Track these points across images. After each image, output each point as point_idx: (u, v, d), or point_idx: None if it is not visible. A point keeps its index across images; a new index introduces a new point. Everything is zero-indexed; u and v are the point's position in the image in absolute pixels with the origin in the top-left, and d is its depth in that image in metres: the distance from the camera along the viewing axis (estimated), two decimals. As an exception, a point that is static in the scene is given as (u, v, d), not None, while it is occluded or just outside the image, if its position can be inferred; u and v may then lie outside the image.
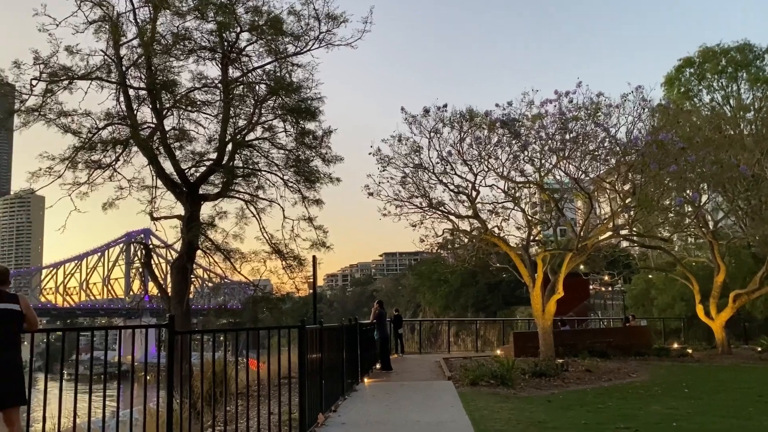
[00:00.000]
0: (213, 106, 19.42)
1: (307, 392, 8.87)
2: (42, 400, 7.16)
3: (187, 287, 18.32)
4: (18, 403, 6.66)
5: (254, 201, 20.28)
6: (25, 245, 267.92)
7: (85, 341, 58.32)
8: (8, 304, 6.74)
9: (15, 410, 6.65)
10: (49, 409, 7.21)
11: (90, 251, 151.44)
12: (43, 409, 7.11)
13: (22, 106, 17.66)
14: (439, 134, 20.16)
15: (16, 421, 6.63)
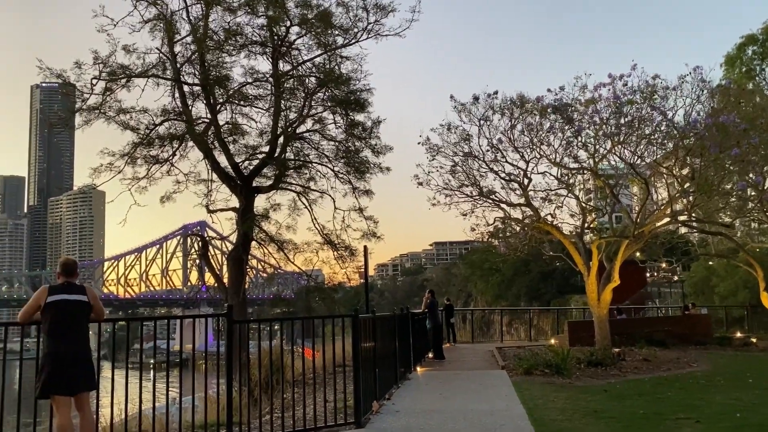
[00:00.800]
0: (264, 100, 19.74)
1: (362, 380, 8.99)
2: (107, 387, 7.48)
3: (243, 278, 18.74)
4: (88, 388, 6.98)
5: (306, 192, 20.54)
6: (88, 239, 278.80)
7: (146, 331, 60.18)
8: (77, 295, 7.05)
9: (85, 396, 6.97)
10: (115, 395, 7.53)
11: (149, 243, 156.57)
12: (110, 395, 7.43)
13: (83, 105, 18.32)
14: (489, 121, 19.95)
15: (86, 406, 6.96)
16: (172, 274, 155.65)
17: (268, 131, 19.69)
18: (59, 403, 6.72)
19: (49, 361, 6.72)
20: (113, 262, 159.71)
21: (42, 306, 6.88)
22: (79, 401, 6.89)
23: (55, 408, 6.76)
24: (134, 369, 8.35)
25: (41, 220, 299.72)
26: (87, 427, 6.85)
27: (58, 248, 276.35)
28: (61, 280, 7.15)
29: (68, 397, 6.76)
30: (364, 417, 8.97)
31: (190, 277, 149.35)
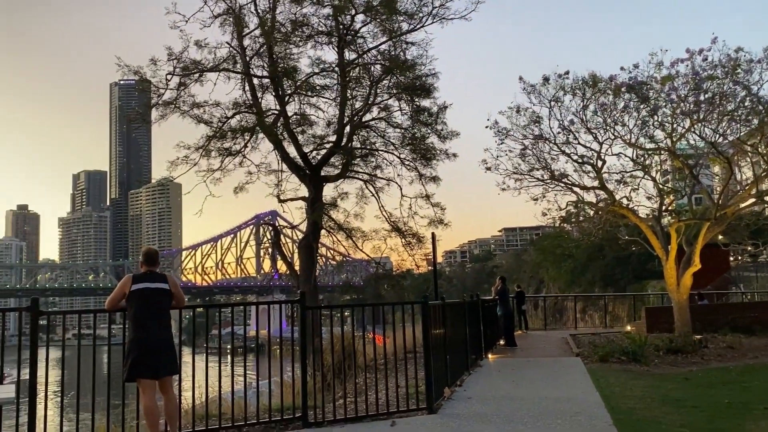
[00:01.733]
0: (331, 90, 19.95)
1: (433, 366, 9.00)
2: (188, 371, 7.79)
3: (314, 265, 19.10)
4: (171, 372, 7.29)
5: (373, 180, 20.67)
6: (167, 229, 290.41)
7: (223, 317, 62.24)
8: (159, 283, 7.36)
9: (169, 380, 7.28)
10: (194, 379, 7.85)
11: (224, 233, 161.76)
12: (191, 379, 7.75)
13: (159, 100, 19.03)
14: (559, 103, 19.40)
15: (170, 389, 7.27)
16: (246, 262, 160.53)
17: (335, 121, 19.90)
18: (144, 387, 7.05)
19: (135, 347, 7.05)
20: (190, 251, 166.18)
21: (127, 294, 7.21)
22: (163, 385, 7.20)
23: (141, 391, 7.10)
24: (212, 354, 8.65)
25: (123, 212, 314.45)
26: (171, 409, 7.16)
27: (139, 239, 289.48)
28: (143, 269, 7.47)
29: (153, 381, 7.08)
30: (435, 403, 8.99)
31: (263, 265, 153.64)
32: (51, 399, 7.44)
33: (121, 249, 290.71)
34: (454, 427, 7.87)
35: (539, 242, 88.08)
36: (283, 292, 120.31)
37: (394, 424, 8.11)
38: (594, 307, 40.38)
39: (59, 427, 7.14)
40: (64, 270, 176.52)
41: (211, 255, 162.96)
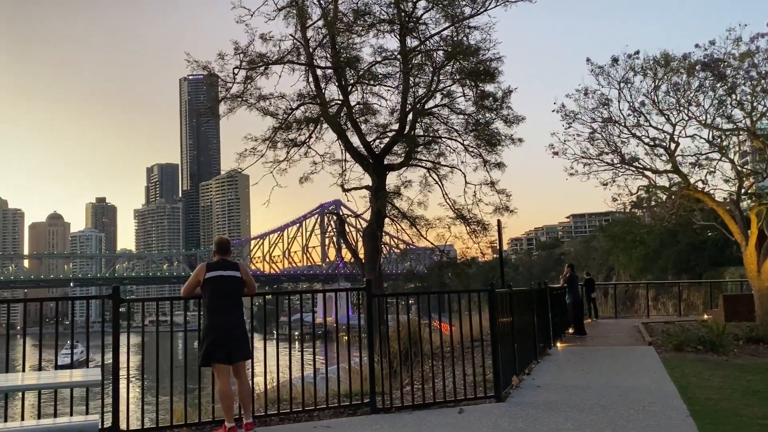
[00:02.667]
0: (393, 78, 19.92)
1: (500, 354, 8.94)
2: (258, 357, 8.03)
3: (378, 253, 19.22)
4: (244, 357, 7.52)
5: (436, 168, 20.56)
6: (235, 219, 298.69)
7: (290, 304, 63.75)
8: (231, 271, 7.58)
9: (242, 365, 7.52)
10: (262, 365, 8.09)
11: (290, 223, 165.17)
12: (263, 364, 7.98)
13: (227, 94, 19.52)
14: (629, 84, 18.72)
15: (243, 373, 7.51)
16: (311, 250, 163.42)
17: (398, 109, 19.88)
18: (219, 371, 7.31)
19: (209, 333, 7.31)
20: (258, 240, 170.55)
21: (201, 282, 7.48)
22: (237, 369, 7.44)
23: (216, 375, 7.37)
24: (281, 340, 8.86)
25: (194, 203, 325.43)
26: (244, 393, 7.39)
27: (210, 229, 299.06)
28: (216, 257, 7.71)
29: (227, 366, 7.32)
30: (503, 391, 8.93)
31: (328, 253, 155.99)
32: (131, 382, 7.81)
33: (193, 239, 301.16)
34: (522, 416, 7.80)
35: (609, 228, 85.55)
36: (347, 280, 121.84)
37: (461, 412, 8.11)
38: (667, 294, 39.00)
39: (140, 408, 7.50)
40: (141, 259, 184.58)
41: (278, 244, 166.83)
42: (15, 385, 5.61)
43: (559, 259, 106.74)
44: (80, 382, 5.33)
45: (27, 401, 7.35)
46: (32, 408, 7.87)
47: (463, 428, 7.28)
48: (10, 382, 5.74)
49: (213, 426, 7.44)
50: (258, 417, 7.69)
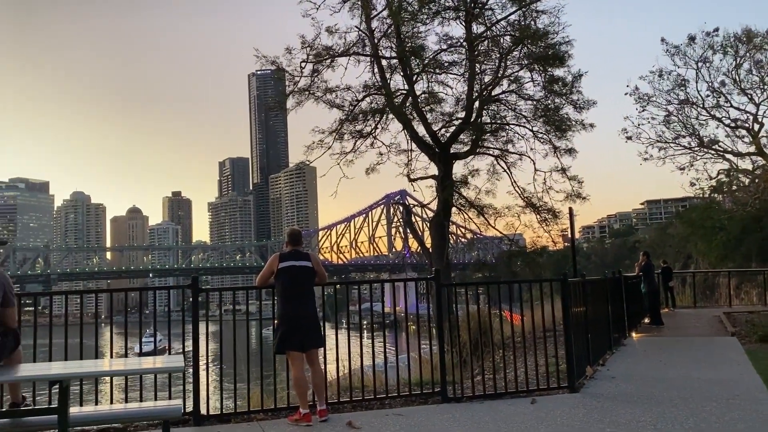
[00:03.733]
0: (459, 66, 19.70)
1: (573, 345, 8.77)
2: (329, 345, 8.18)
3: (446, 243, 19.14)
4: (316, 345, 7.68)
5: (504, 156, 20.24)
6: (303, 210, 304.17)
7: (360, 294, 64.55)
8: (303, 261, 7.74)
9: (315, 352, 7.68)
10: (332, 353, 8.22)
11: (356, 213, 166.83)
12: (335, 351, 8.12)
13: (294, 88, 19.83)
14: (708, 63, 17.94)
15: (316, 361, 7.67)
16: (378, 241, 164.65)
17: (464, 97, 19.66)
18: (293, 358, 7.49)
19: (283, 321, 7.50)
20: (326, 231, 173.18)
21: (275, 272, 7.67)
22: (310, 357, 7.61)
23: (290, 362, 7.55)
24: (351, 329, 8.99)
25: (264, 195, 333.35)
26: (318, 380, 7.55)
27: (279, 220, 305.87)
28: (288, 248, 7.89)
29: (301, 353, 7.50)
30: (577, 382, 8.76)
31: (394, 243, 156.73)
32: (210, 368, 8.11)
33: (264, 230, 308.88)
34: (597, 407, 7.63)
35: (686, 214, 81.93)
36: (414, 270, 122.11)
37: (534, 402, 8.01)
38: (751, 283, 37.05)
39: (219, 394, 7.78)
40: (215, 251, 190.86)
41: (345, 234, 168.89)
42: (105, 370, 5.93)
43: (633, 247, 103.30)
44: (164, 368, 5.58)
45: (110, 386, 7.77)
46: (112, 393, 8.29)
47: (537, 418, 7.19)
48: (100, 368, 6.08)
49: (288, 412, 7.63)
50: (331, 404, 7.84)
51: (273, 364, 7.98)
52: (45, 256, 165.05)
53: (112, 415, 6.12)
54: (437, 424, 7.06)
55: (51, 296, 7.84)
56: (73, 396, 5.76)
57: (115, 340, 7.62)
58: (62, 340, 7.19)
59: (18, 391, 5.41)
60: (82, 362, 6.64)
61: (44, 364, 6.17)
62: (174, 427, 6.19)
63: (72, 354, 7.21)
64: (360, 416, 7.49)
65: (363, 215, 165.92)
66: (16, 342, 5.25)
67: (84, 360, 7.25)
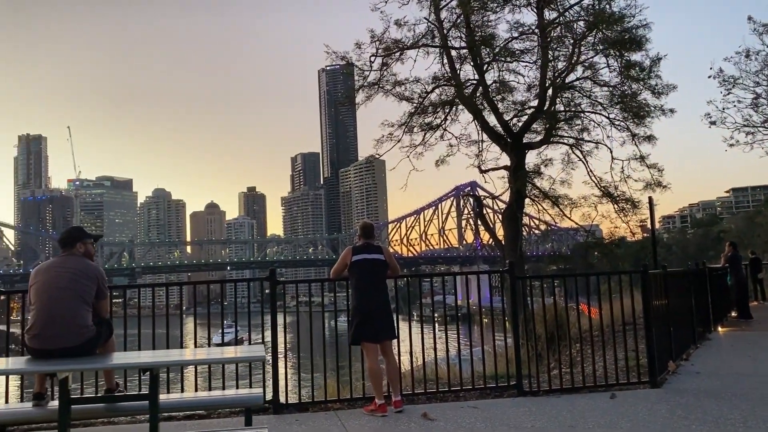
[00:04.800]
0: (531, 53, 19.24)
1: (655, 338, 8.48)
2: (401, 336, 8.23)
3: (519, 235, 18.82)
4: (390, 337, 7.75)
5: (579, 144, 19.66)
6: (373, 204, 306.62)
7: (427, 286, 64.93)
8: (375, 254, 7.83)
9: (389, 344, 7.76)
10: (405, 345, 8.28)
11: (425, 206, 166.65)
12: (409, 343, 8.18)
13: (364, 82, 19.94)
14: (800, 41, 16.79)
15: (390, 352, 7.75)
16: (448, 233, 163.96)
17: (536, 85, 19.23)
18: (368, 350, 7.59)
19: (357, 313, 7.62)
20: (396, 224, 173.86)
21: (348, 264, 7.80)
22: (384, 348, 7.69)
23: (365, 353, 7.66)
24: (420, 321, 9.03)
25: (334, 189, 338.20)
26: (392, 372, 7.63)
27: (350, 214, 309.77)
28: (361, 241, 7.99)
29: (375, 344, 7.59)
30: (659, 377, 8.47)
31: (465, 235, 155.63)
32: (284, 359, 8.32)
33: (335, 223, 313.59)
34: (681, 403, 7.35)
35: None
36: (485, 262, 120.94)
37: (614, 397, 7.81)
38: None
39: (297, 384, 7.98)
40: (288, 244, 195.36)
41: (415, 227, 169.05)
42: (190, 359, 6.20)
43: (718, 237, 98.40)
44: (246, 357, 5.78)
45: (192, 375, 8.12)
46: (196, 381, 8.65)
47: (617, 414, 7.00)
48: (186, 356, 6.35)
49: (363, 402, 7.74)
50: (406, 395, 7.90)
51: (348, 354, 8.12)
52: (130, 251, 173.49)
53: (197, 402, 6.39)
54: (513, 418, 7.00)
55: (138, 289, 8.25)
56: (160, 383, 6.05)
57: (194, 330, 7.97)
58: (149, 330, 7.56)
59: (112, 377, 5.73)
60: (168, 351, 6.97)
61: (134, 353, 6.51)
62: (254, 415, 6.40)
63: (157, 343, 7.59)
64: (435, 408, 7.51)
65: (432, 207, 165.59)
66: (109, 332, 5.56)
67: (170, 349, 7.61)
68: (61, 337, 5.05)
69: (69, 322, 5.10)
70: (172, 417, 7.27)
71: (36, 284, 5.27)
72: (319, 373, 8.34)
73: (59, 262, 5.40)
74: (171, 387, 7.92)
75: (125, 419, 7.06)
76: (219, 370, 7.99)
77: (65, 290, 5.19)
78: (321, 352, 8.24)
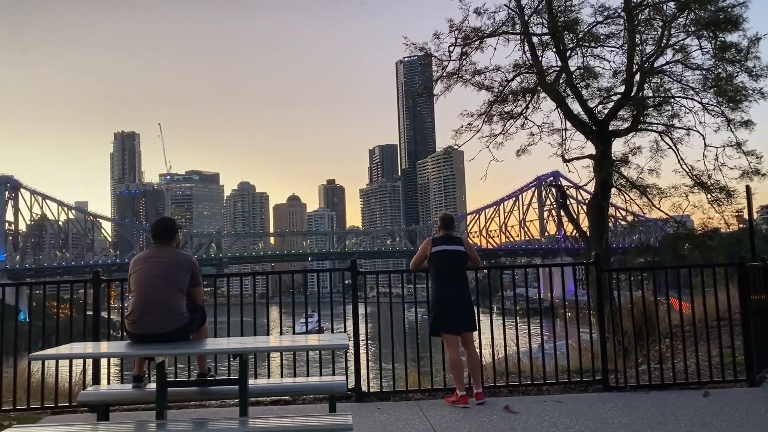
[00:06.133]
0: (617, 37, 18.49)
1: (753, 335, 8.03)
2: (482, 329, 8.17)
3: (605, 226, 18.22)
4: (470, 329, 7.72)
5: (669, 131, 18.73)
6: (451, 195, 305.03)
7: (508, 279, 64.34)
8: (456, 246, 7.81)
9: (469, 335, 7.74)
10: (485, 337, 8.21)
11: (505, 197, 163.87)
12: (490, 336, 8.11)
13: (443, 73, 19.80)
14: None
15: (471, 344, 7.73)
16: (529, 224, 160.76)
17: (623, 70, 18.48)
18: (448, 341, 7.60)
19: (437, 304, 7.63)
20: (474, 215, 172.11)
21: (428, 256, 7.82)
22: (465, 340, 7.67)
23: (445, 344, 7.68)
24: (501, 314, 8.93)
25: (412, 181, 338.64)
26: (473, 363, 7.60)
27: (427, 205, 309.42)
28: (441, 232, 7.99)
29: (455, 336, 7.59)
30: (758, 375, 8.02)
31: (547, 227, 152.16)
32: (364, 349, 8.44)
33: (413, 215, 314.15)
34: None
35: None
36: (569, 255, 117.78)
37: (707, 395, 7.47)
38: None
39: (379, 373, 8.10)
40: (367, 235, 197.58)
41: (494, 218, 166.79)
42: (277, 346, 6.40)
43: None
44: (331, 344, 5.92)
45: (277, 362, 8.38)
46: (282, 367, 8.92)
47: (711, 412, 6.69)
48: (273, 343, 6.57)
49: (444, 393, 7.76)
50: (487, 388, 7.85)
51: (429, 346, 8.15)
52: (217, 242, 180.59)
53: (283, 388, 6.60)
54: (599, 413, 6.82)
55: (228, 278, 8.60)
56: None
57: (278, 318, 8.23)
58: (237, 318, 7.87)
59: (205, 362, 6.01)
60: (256, 338, 7.24)
61: (224, 339, 6.79)
62: (338, 402, 6.55)
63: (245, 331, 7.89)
64: (517, 401, 7.43)
65: (513, 198, 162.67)
66: (202, 318, 5.83)
67: (258, 336, 7.89)
68: (158, 323, 5.34)
69: (165, 309, 5.38)
70: (260, 402, 7.54)
71: (135, 273, 5.60)
72: (399, 364, 8.42)
73: (156, 252, 5.71)
74: (257, 373, 8.22)
75: (215, 402, 7.40)
76: (302, 358, 8.21)
77: (161, 279, 5.48)
78: (401, 342, 8.31)
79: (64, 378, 7.81)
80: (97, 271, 7.94)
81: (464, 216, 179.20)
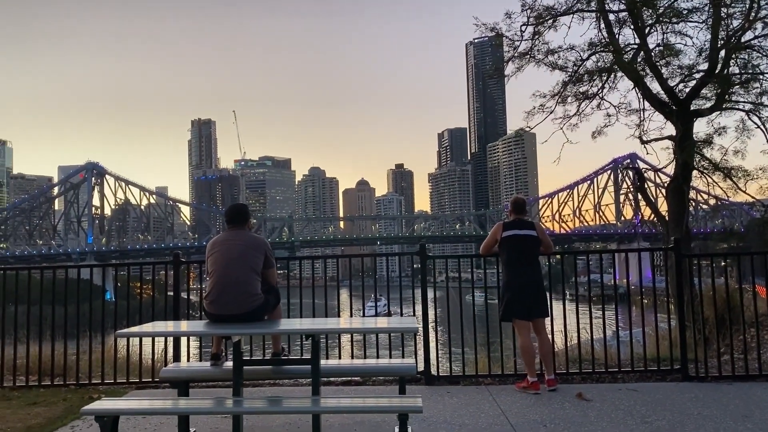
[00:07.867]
0: (700, 12, 17.56)
1: None
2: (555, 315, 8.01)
3: (685, 210, 17.47)
4: (541, 315, 7.60)
5: (757, 110, 17.70)
6: (523, 179, 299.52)
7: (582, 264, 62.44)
8: (527, 230, 7.68)
9: (541, 321, 7.61)
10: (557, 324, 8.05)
11: (580, 180, 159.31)
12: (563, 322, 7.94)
13: (514, 53, 19.36)
14: None
15: (542, 330, 7.60)
16: (604, 208, 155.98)
17: (706, 46, 17.55)
18: (519, 326, 7.51)
19: (508, 289, 7.54)
20: (547, 199, 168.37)
21: (498, 240, 7.72)
22: (537, 326, 7.55)
23: (516, 330, 7.58)
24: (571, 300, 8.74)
25: (482, 164, 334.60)
26: (545, 350, 7.48)
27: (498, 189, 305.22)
28: (512, 217, 7.87)
29: (527, 321, 7.48)
30: None
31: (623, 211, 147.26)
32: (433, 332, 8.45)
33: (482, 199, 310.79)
34: None
35: None
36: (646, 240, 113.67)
37: (797, 389, 7.07)
38: None
39: (448, 357, 8.10)
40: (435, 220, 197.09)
41: (568, 202, 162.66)
42: (348, 327, 6.51)
43: None
44: (400, 327, 5.96)
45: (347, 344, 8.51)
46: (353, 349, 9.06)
47: (801, 408, 6.34)
48: (344, 325, 6.68)
49: (515, 379, 7.68)
50: (559, 374, 7.71)
51: (499, 331, 8.08)
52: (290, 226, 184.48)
53: (354, 369, 6.71)
54: (678, 403, 6.58)
55: (300, 261, 8.78)
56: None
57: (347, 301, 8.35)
58: (309, 300, 8.04)
59: (279, 342, 6.18)
60: (327, 320, 7.38)
61: (296, 320, 6.96)
62: (407, 385, 6.60)
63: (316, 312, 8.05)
64: (590, 388, 7.27)
65: (587, 182, 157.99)
66: (277, 299, 5.99)
67: (329, 318, 8.05)
68: (234, 303, 5.53)
69: (241, 290, 5.56)
70: (331, 382, 7.70)
71: (212, 255, 5.80)
72: (468, 348, 8.39)
73: (232, 235, 5.89)
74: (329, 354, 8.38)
75: (288, 381, 7.61)
76: (371, 341, 8.31)
77: (237, 261, 5.66)
78: (470, 327, 8.27)
79: (148, 355, 8.21)
80: (177, 254, 8.27)
81: (536, 200, 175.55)
